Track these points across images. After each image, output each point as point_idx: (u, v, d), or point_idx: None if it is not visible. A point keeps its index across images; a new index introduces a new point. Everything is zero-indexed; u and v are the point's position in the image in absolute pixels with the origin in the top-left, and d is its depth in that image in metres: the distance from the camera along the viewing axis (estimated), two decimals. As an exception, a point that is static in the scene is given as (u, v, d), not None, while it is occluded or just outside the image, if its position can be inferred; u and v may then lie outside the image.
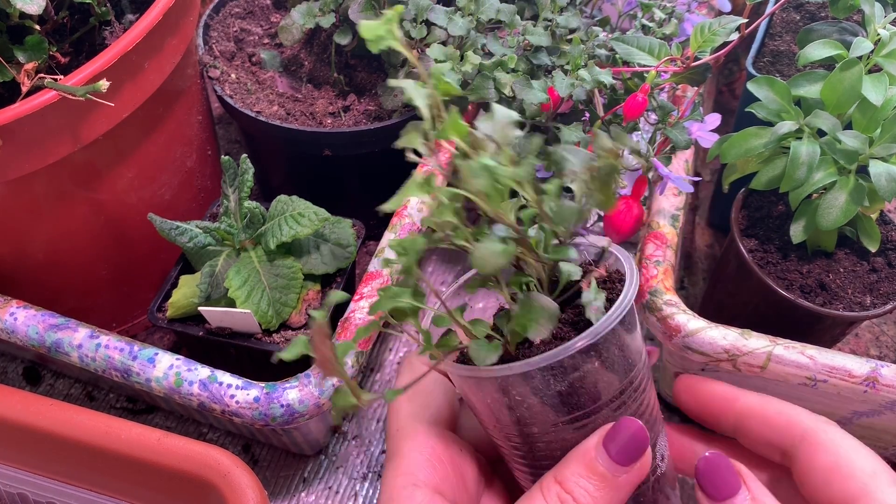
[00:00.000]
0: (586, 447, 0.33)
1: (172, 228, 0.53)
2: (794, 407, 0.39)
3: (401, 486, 0.35)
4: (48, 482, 0.44)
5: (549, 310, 0.32)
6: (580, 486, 0.33)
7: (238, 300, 0.51)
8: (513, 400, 0.34)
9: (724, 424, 0.40)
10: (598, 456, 0.33)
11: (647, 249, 0.52)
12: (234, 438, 0.60)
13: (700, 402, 0.41)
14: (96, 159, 0.51)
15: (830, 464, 0.36)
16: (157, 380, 0.47)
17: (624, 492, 0.33)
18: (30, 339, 0.49)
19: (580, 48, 0.54)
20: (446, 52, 0.54)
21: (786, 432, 0.38)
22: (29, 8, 0.45)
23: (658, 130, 0.52)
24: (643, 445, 0.33)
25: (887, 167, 0.46)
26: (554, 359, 0.32)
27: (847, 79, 0.47)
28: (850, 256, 0.52)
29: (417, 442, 0.37)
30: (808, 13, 0.63)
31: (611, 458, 0.33)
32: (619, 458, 0.33)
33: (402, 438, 0.37)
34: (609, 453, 0.33)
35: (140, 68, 0.49)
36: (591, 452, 0.33)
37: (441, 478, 0.36)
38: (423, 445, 0.37)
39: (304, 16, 0.62)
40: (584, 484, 0.33)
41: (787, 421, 0.38)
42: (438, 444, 0.37)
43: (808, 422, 0.38)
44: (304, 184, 0.68)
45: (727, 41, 0.48)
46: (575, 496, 0.33)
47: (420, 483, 0.35)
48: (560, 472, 0.34)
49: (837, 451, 0.36)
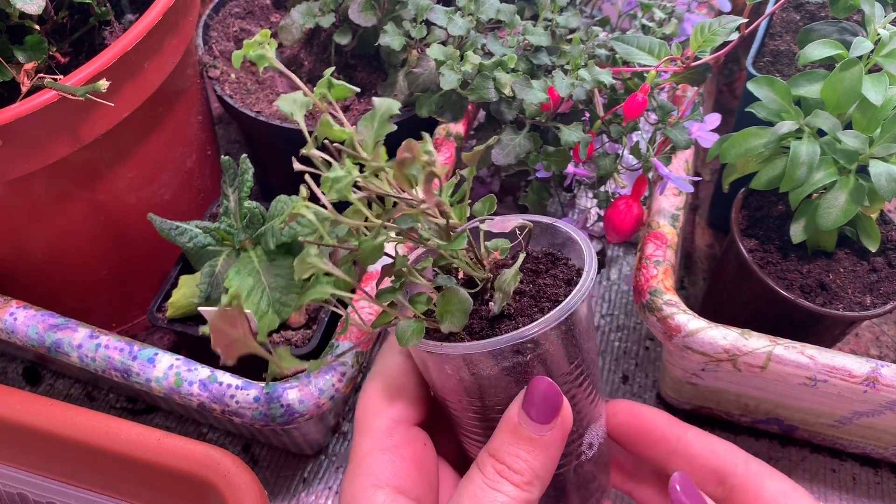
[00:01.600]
0: (509, 416, 0.34)
1: (172, 228, 0.53)
2: (732, 444, 0.40)
3: (362, 486, 0.35)
4: (48, 482, 0.44)
5: (463, 304, 0.34)
6: (511, 454, 0.34)
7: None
8: (459, 377, 0.35)
9: (661, 450, 0.40)
10: (522, 421, 0.34)
11: (647, 249, 0.52)
12: (234, 438, 0.60)
13: (639, 426, 0.41)
14: (96, 159, 0.51)
15: (778, 491, 0.37)
16: (157, 380, 0.47)
17: (554, 449, 0.34)
18: (30, 339, 0.49)
19: (580, 48, 0.54)
20: (446, 52, 0.54)
21: (728, 461, 0.39)
22: (29, 8, 0.45)
23: (658, 130, 0.52)
24: (557, 399, 0.34)
25: (887, 167, 0.46)
26: (484, 348, 0.33)
27: (847, 79, 0.47)
28: (851, 256, 0.52)
29: (379, 440, 0.37)
30: (808, 13, 0.63)
31: (532, 419, 0.34)
32: (539, 417, 0.34)
33: (365, 436, 0.37)
34: (530, 415, 0.34)
35: (140, 68, 0.49)
36: (514, 419, 0.34)
37: (403, 476, 0.36)
38: (386, 443, 0.37)
39: (303, 15, 0.62)
40: (514, 451, 0.34)
41: (729, 451, 0.39)
42: (402, 440, 0.37)
43: (746, 456, 0.39)
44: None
45: (727, 41, 0.48)
46: (509, 464, 0.34)
47: (382, 483, 0.35)
48: (490, 446, 0.35)
49: (782, 480, 0.38)
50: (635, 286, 0.51)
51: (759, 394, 0.53)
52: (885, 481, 0.58)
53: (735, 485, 0.38)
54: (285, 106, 0.32)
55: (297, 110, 0.32)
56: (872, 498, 0.57)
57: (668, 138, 0.51)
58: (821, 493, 0.57)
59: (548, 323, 0.33)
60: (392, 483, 0.35)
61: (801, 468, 0.58)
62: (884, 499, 0.57)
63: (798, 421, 0.55)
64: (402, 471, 0.36)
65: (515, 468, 0.34)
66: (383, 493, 0.35)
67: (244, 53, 0.33)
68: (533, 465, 0.34)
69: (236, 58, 0.34)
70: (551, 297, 0.36)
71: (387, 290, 0.36)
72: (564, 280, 0.37)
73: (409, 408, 0.38)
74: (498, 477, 0.34)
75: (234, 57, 0.34)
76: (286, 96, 0.32)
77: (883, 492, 0.57)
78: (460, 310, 0.34)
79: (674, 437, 0.40)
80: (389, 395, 0.38)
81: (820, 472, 0.58)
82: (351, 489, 0.36)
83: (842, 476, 0.58)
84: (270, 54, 0.32)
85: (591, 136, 0.52)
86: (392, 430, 0.37)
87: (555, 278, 0.37)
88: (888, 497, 0.57)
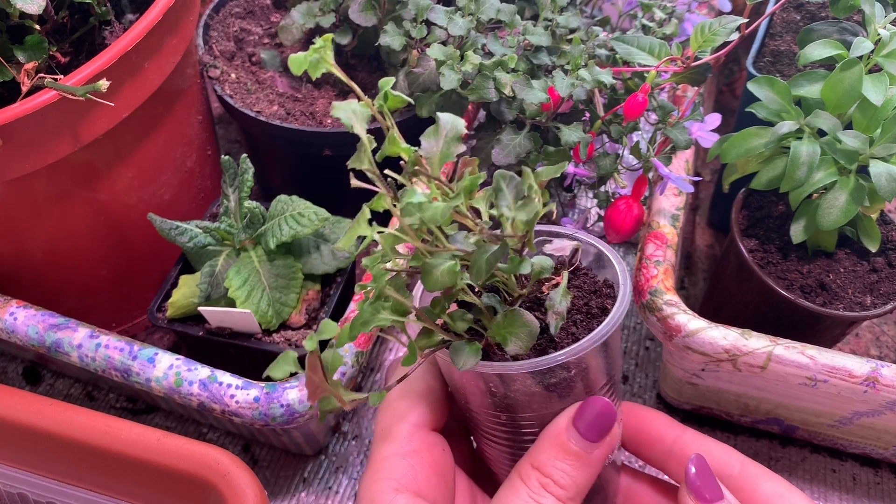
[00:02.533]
0: (557, 430, 0.34)
1: (172, 228, 0.53)
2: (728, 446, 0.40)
3: (382, 490, 0.35)
4: (48, 482, 0.44)
5: (530, 327, 0.33)
6: (558, 468, 0.34)
7: (238, 300, 0.51)
8: (491, 389, 0.35)
9: (657, 450, 0.40)
10: (570, 436, 0.34)
11: (647, 249, 0.52)
12: (234, 438, 0.60)
13: (636, 427, 0.41)
14: (96, 159, 0.51)
15: (774, 492, 0.37)
16: (157, 380, 0.47)
17: (597, 466, 0.35)
18: (30, 339, 0.49)
19: (580, 48, 0.53)
20: (446, 52, 0.54)
21: (725, 462, 0.39)
22: (29, 8, 0.45)
23: (658, 130, 0.52)
24: (611, 419, 0.34)
25: (888, 167, 0.46)
26: (535, 367, 0.33)
27: (847, 79, 0.47)
28: (851, 256, 0.52)
29: (399, 445, 0.37)
30: (808, 13, 0.63)
31: (581, 436, 0.34)
32: (589, 434, 0.34)
33: (385, 440, 0.37)
34: (580, 431, 0.34)
35: (140, 68, 0.49)
36: (563, 434, 0.34)
37: (423, 481, 0.36)
38: (406, 448, 0.36)
39: (303, 15, 0.62)
40: (561, 465, 0.34)
41: (726, 452, 0.39)
42: (422, 446, 0.37)
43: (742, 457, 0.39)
44: (304, 184, 0.68)
45: (727, 41, 0.48)
46: (555, 479, 0.34)
47: (402, 487, 0.35)
48: (535, 458, 0.35)
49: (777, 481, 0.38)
50: (635, 286, 0.51)
51: (759, 394, 0.53)
52: (885, 481, 0.58)
53: (730, 486, 0.38)
54: (344, 116, 0.29)
55: (357, 122, 0.29)
56: (872, 498, 0.57)
57: (669, 138, 0.51)
58: (821, 494, 0.57)
59: (594, 340, 0.33)
60: (412, 488, 0.35)
61: (801, 468, 0.58)
62: (884, 499, 0.57)
63: (798, 421, 0.55)
64: (422, 476, 0.36)
65: (561, 483, 0.34)
66: (404, 497, 0.35)
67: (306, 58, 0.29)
68: (577, 480, 0.34)
69: (295, 63, 0.29)
70: (582, 309, 0.36)
71: (431, 309, 0.34)
72: (589, 291, 0.37)
73: (430, 413, 0.38)
74: (542, 490, 0.34)
75: (292, 62, 0.29)
76: (342, 105, 0.29)
77: (883, 492, 0.57)
78: (527, 333, 0.32)
79: (670, 439, 0.40)
80: (410, 400, 0.38)
81: (820, 473, 0.58)
82: (370, 492, 0.35)
83: (842, 476, 0.58)
84: (330, 59, 0.30)
85: (591, 136, 0.52)
86: (412, 435, 0.37)
87: (580, 289, 0.37)
88: (888, 497, 0.57)
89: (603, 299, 0.36)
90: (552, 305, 0.34)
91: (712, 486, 0.36)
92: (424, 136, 0.31)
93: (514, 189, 0.31)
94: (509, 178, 0.31)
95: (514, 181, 0.31)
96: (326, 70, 0.30)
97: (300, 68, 0.30)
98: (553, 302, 0.34)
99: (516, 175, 0.31)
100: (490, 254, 0.31)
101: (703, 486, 0.36)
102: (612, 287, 0.37)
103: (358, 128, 0.29)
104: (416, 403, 0.38)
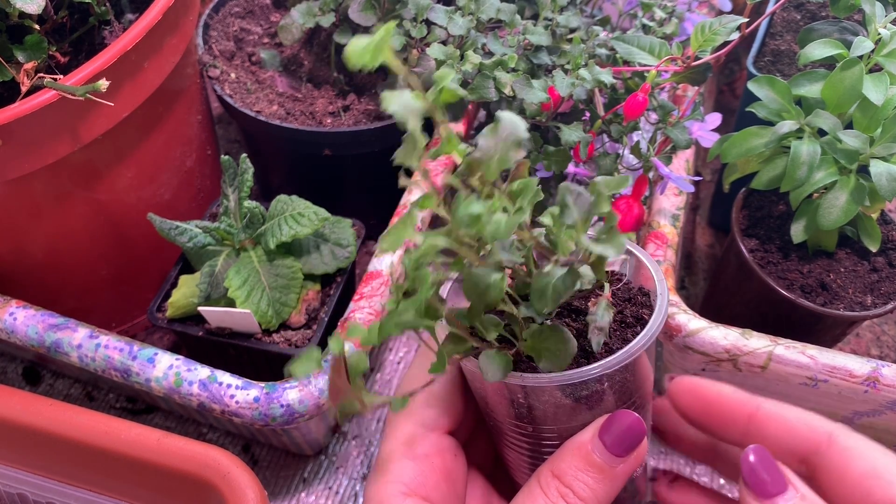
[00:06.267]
0: (581, 440, 0.33)
1: (172, 228, 0.52)
2: (812, 413, 0.37)
3: (390, 493, 0.35)
4: (48, 482, 0.44)
5: (568, 347, 0.31)
6: (579, 479, 0.33)
7: (238, 300, 0.51)
8: (517, 399, 0.34)
9: (732, 430, 0.38)
10: (595, 448, 0.33)
11: (647, 249, 0.52)
12: (234, 438, 0.60)
13: (706, 405, 0.39)
14: (96, 159, 0.51)
15: (868, 470, 0.34)
16: (157, 380, 0.47)
17: (620, 481, 0.33)
18: (29, 339, 0.49)
19: (580, 47, 0.53)
20: (446, 52, 0.54)
21: (809, 438, 0.36)
22: (28, 7, 0.45)
23: (658, 130, 0.52)
24: (640, 436, 0.33)
25: (888, 167, 0.46)
26: (568, 380, 0.32)
27: (848, 78, 0.47)
28: (851, 256, 0.52)
29: (410, 448, 0.36)
30: (808, 12, 0.63)
31: (607, 450, 0.33)
32: (615, 448, 0.33)
33: (396, 442, 0.37)
34: (605, 444, 0.33)
35: (140, 68, 0.49)
36: (588, 445, 0.33)
37: (432, 486, 0.35)
38: (416, 452, 0.36)
39: (303, 15, 0.62)
40: (582, 477, 0.33)
41: (809, 427, 0.36)
42: (433, 450, 0.36)
43: (831, 428, 0.36)
44: (304, 183, 0.68)
45: (728, 40, 0.48)
46: (574, 490, 0.33)
47: (410, 491, 0.35)
48: (557, 467, 0.34)
49: (873, 457, 0.35)
50: (636, 286, 0.51)
51: (759, 394, 0.53)
52: (885, 481, 0.57)
53: (818, 464, 0.35)
54: (398, 110, 0.26)
55: (412, 118, 0.26)
56: (873, 498, 0.57)
57: (669, 138, 0.51)
58: (821, 493, 0.57)
59: (630, 353, 0.32)
60: (420, 492, 0.35)
61: (801, 468, 0.58)
62: (884, 499, 0.57)
63: (799, 421, 0.55)
64: (432, 481, 0.36)
65: (581, 495, 0.33)
66: (412, 501, 0.34)
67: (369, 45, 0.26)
68: (598, 493, 0.33)
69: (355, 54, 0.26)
70: (615, 317, 0.34)
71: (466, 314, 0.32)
72: (623, 299, 0.35)
73: (444, 417, 0.37)
74: (561, 501, 0.33)
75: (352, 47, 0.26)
76: (396, 98, 0.26)
77: (884, 492, 0.57)
78: (564, 353, 0.31)
79: (743, 419, 0.37)
80: (425, 403, 0.37)
81: (820, 472, 0.58)
82: (378, 495, 0.35)
83: (842, 476, 0.58)
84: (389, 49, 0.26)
85: (591, 135, 0.52)
86: (423, 439, 0.37)
87: (614, 297, 0.35)
88: (889, 497, 0.57)
89: (638, 308, 0.35)
90: (594, 320, 0.32)
91: (773, 479, 0.33)
92: (482, 135, 0.29)
93: (582, 206, 0.29)
94: (577, 193, 0.28)
95: (581, 197, 0.29)
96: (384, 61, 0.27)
97: (360, 57, 0.26)
98: (595, 317, 0.32)
99: (584, 191, 0.28)
100: (558, 279, 0.29)
101: (760, 480, 0.33)
102: (647, 295, 0.35)
103: (412, 121, 0.27)
104: (431, 406, 0.37)
